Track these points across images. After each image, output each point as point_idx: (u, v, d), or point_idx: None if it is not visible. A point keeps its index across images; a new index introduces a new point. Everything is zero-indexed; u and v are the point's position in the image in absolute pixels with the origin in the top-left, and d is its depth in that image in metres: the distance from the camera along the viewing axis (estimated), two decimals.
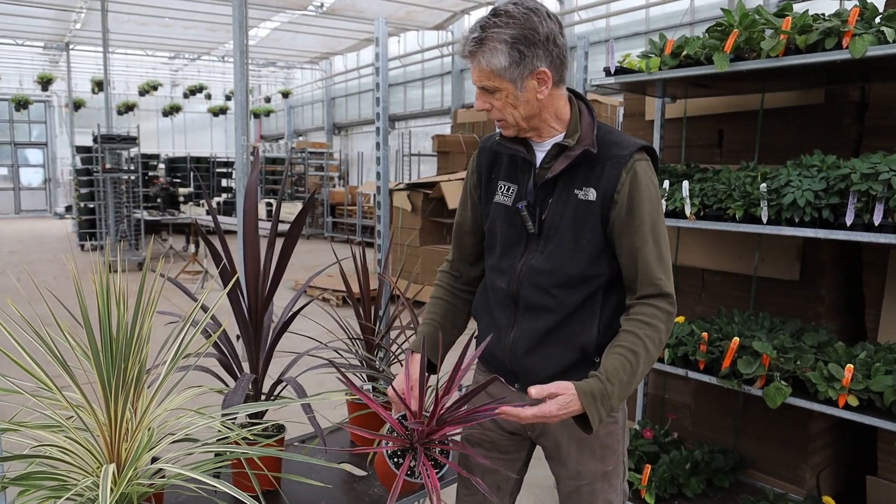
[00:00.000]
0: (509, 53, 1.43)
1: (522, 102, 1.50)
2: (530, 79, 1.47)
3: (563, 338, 1.59)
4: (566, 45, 1.52)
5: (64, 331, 1.44)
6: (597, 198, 1.53)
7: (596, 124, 1.58)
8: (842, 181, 2.21)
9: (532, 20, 1.43)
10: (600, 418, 1.41)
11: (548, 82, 1.48)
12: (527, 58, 1.44)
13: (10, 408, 1.39)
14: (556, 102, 1.55)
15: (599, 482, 1.64)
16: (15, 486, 1.22)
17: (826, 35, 2.23)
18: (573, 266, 1.56)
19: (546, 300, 1.59)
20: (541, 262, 1.59)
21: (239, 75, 2.75)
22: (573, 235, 1.55)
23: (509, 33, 1.43)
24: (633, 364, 1.44)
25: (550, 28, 1.45)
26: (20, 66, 19.57)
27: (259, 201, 2.25)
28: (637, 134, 3.70)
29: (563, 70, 1.52)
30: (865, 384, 2.23)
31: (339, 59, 20.66)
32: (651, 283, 1.50)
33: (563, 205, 1.56)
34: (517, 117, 1.53)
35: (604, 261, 1.56)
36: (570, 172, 1.56)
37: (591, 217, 1.53)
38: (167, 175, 16.47)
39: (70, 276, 9.70)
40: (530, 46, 1.44)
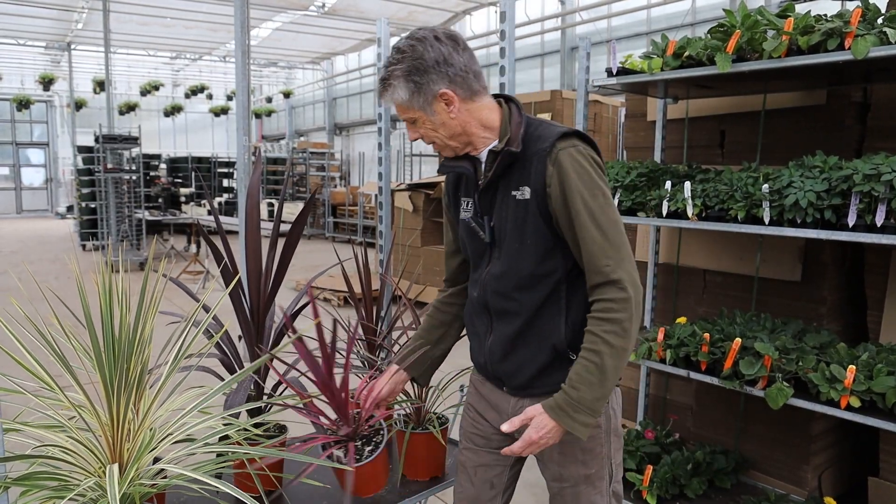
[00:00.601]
0: (406, 86, 1.53)
1: (440, 125, 1.57)
2: (436, 102, 1.54)
3: (533, 339, 1.61)
4: (469, 60, 1.56)
5: (66, 331, 1.44)
6: (531, 195, 1.54)
7: (524, 122, 1.59)
8: (844, 182, 2.20)
9: (417, 50, 1.51)
10: (583, 424, 1.46)
11: (454, 101, 1.54)
12: (423, 85, 1.52)
13: (12, 408, 1.39)
14: (479, 114, 1.59)
15: (583, 485, 1.65)
16: (17, 486, 1.22)
17: (828, 36, 2.22)
18: (523, 266, 1.58)
19: (509, 304, 1.62)
20: (497, 268, 1.63)
21: (240, 75, 2.75)
22: (518, 236, 1.58)
23: (402, 68, 1.52)
24: (598, 363, 1.45)
25: (439, 51, 1.51)
26: (22, 65, 19.59)
27: (261, 201, 2.26)
28: (639, 134, 3.70)
29: (472, 83, 1.56)
30: (867, 385, 2.22)
31: (341, 59, 20.67)
32: (597, 272, 1.48)
33: (505, 208, 1.60)
34: (443, 139, 1.59)
35: (556, 256, 1.56)
36: (507, 175, 1.59)
37: (531, 215, 1.55)
38: (169, 175, 16.49)
39: (71, 276, 9.71)
40: (422, 74, 1.51)
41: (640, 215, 2.83)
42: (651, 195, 2.76)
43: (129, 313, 1.36)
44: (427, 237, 8.03)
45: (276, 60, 20.99)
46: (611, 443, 1.67)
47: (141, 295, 1.39)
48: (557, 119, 6.85)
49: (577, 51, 3.54)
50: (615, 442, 1.68)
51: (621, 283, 1.46)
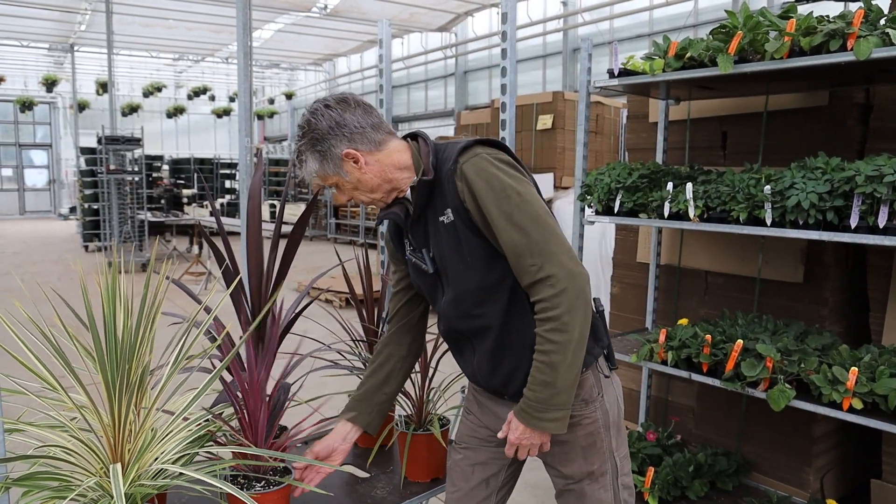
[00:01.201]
0: (313, 157, 1.60)
1: (357, 183, 1.62)
2: (345, 163, 1.59)
3: (510, 346, 1.63)
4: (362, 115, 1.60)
5: (69, 332, 1.44)
6: (454, 216, 1.57)
7: (432, 150, 1.63)
8: (846, 183, 2.20)
9: (311, 123, 1.59)
10: (552, 420, 1.50)
11: (360, 157, 1.59)
12: (326, 151, 1.58)
13: (14, 408, 1.40)
14: (390, 160, 1.62)
15: (587, 481, 1.67)
16: (19, 486, 1.22)
17: (830, 37, 2.22)
18: (471, 283, 1.60)
19: (475, 322, 1.64)
20: (450, 294, 1.66)
21: (243, 77, 2.76)
22: (458, 258, 1.60)
23: (305, 142, 1.60)
24: (546, 361, 1.48)
25: (330, 117, 1.58)
26: (25, 67, 19.63)
27: (262, 203, 2.26)
28: (641, 136, 3.70)
29: (371, 135, 1.60)
30: (870, 387, 2.22)
31: (343, 60, 20.69)
32: (525, 272, 1.50)
33: (438, 236, 1.63)
34: (366, 195, 1.65)
35: (500, 265, 1.57)
36: (430, 204, 1.63)
37: (461, 234, 1.58)
38: (171, 176, 16.53)
39: (74, 277, 9.73)
40: (322, 142, 1.58)
41: (641, 216, 2.83)
42: (653, 196, 2.76)
43: (131, 314, 1.36)
44: None
45: (279, 62, 21.01)
46: (611, 437, 1.68)
47: (143, 296, 1.39)
48: (559, 120, 6.86)
49: (578, 52, 3.54)
50: (616, 436, 1.69)
51: (551, 279, 1.46)
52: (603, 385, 1.67)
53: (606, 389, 1.68)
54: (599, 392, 1.66)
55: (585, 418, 1.64)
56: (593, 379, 1.65)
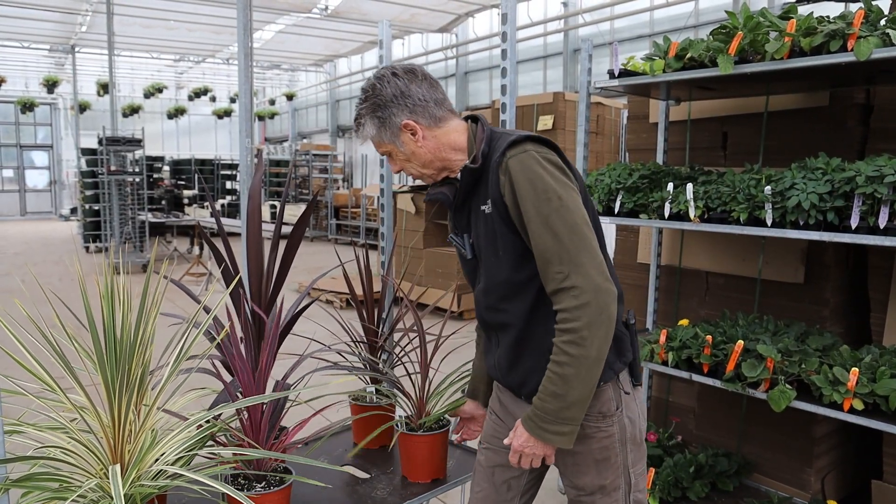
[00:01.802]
0: (373, 122, 1.63)
1: (411, 155, 1.64)
2: (402, 134, 1.62)
3: (531, 346, 1.62)
4: (427, 89, 1.63)
5: (68, 332, 1.44)
6: (492, 207, 1.57)
7: (487, 137, 1.63)
8: (847, 184, 2.20)
9: (376, 88, 1.62)
10: (555, 433, 1.48)
11: (418, 130, 1.61)
12: (386, 119, 1.61)
13: (14, 409, 1.39)
14: (447, 139, 1.64)
15: (598, 494, 1.64)
16: (18, 487, 1.22)
17: (831, 37, 2.22)
18: (500, 276, 1.61)
19: (499, 316, 1.65)
20: (483, 283, 1.67)
21: (243, 78, 2.76)
22: (492, 249, 1.61)
23: (366, 106, 1.63)
24: (559, 373, 1.45)
25: (396, 85, 1.60)
26: (26, 68, 19.65)
27: (263, 203, 2.26)
28: (641, 136, 3.70)
29: (433, 110, 1.62)
30: (871, 388, 2.22)
31: (344, 61, 20.70)
32: (551, 279, 1.47)
33: (478, 224, 1.64)
34: (417, 168, 1.67)
35: (530, 264, 1.56)
36: (475, 192, 1.64)
37: (497, 226, 1.57)
38: (172, 177, 16.52)
39: (74, 277, 9.73)
40: (384, 108, 1.61)
41: (642, 217, 2.83)
42: (653, 197, 2.76)
43: (130, 315, 1.36)
44: (429, 239, 8.03)
45: (279, 63, 21.02)
46: (627, 452, 1.64)
47: (143, 297, 1.39)
48: (560, 121, 6.85)
49: (579, 53, 3.53)
50: (634, 451, 1.65)
51: (575, 290, 1.43)
52: (623, 400, 1.62)
53: (627, 405, 1.63)
54: (618, 407, 1.61)
55: (601, 431, 1.61)
56: (612, 393, 1.61)
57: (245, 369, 1.58)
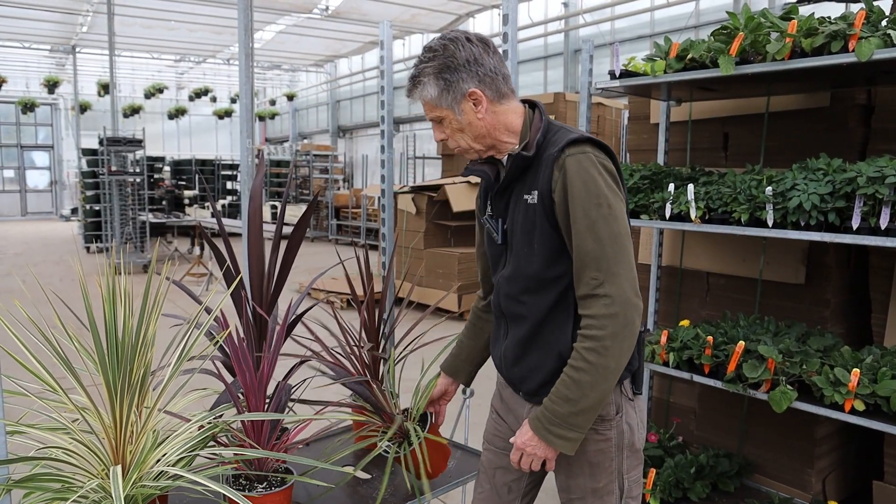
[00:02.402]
0: (436, 83, 1.55)
1: (466, 126, 1.58)
2: (464, 102, 1.56)
3: (541, 344, 1.61)
4: (498, 63, 1.58)
5: (70, 333, 1.44)
6: (538, 199, 1.55)
7: (544, 127, 1.60)
8: (848, 185, 2.20)
9: (449, 49, 1.54)
10: (560, 437, 1.48)
11: (482, 101, 1.56)
12: (453, 83, 1.54)
13: (16, 410, 1.39)
14: (505, 118, 1.60)
15: (590, 498, 1.64)
16: (20, 488, 1.22)
17: (832, 38, 2.22)
18: (530, 269, 1.59)
19: (518, 307, 1.64)
20: (508, 271, 1.65)
21: (244, 78, 2.76)
22: (527, 239, 1.59)
23: (433, 65, 1.55)
24: (575, 378, 1.45)
25: (470, 51, 1.54)
26: (27, 68, 19.66)
27: (264, 204, 2.25)
28: (642, 137, 3.70)
29: (500, 85, 1.58)
30: (872, 388, 2.22)
31: (344, 61, 20.70)
32: (584, 283, 1.47)
33: (516, 211, 1.61)
34: (467, 141, 1.61)
35: (564, 262, 1.55)
36: (521, 179, 1.61)
37: (539, 219, 1.56)
38: (172, 177, 16.52)
39: (75, 278, 9.73)
40: (454, 72, 1.54)
41: (643, 218, 2.82)
42: (654, 197, 2.76)
43: (132, 316, 1.36)
44: (430, 240, 8.03)
45: (280, 63, 21.03)
46: (623, 458, 1.63)
47: (144, 297, 1.39)
48: (561, 121, 6.84)
49: (580, 53, 3.53)
50: (630, 458, 1.65)
51: (606, 298, 1.43)
52: (624, 406, 1.62)
53: (627, 411, 1.63)
54: (618, 412, 1.61)
55: (598, 434, 1.60)
56: (613, 397, 1.60)
57: (247, 370, 1.58)
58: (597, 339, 1.44)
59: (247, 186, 2.87)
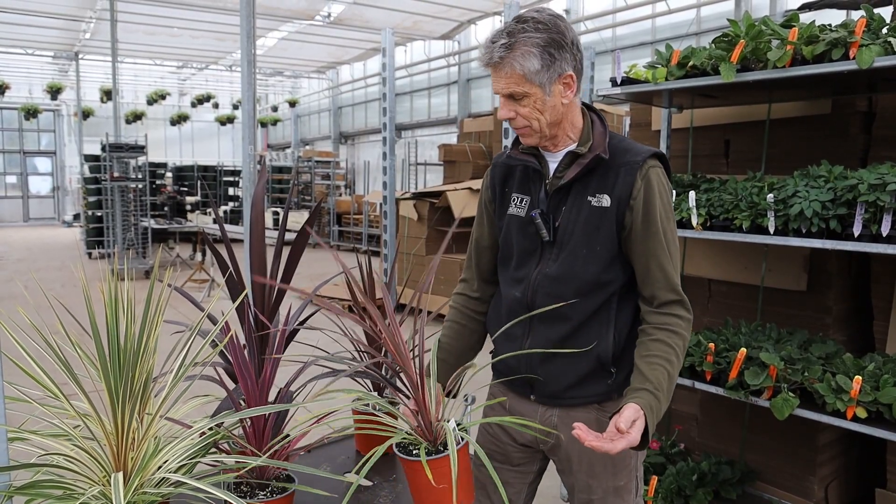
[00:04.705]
0: (541, 56, 1.45)
1: (549, 108, 1.51)
2: (558, 83, 1.49)
3: (579, 346, 1.59)
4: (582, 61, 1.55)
5: (71, 339, 1.44)
6: (611, 204, 1.54)
7: (608, 133, 1.60)
8: (849, 192, 2.20)
9: (559, 25, 1.47)
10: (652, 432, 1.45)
11: (572, 87, 1.52)
12: (556, 61, 1.46)
13: (17, 416, 1.40)
14: (574, 111, 1.58)
15: (611, 497, 1.64)
16: (21, 495, 1.22)
17: (833, 46, 2.23)
18: (586, 272, 1.57)
19: (561, 307, 1.59)
20: (554, 270, 1.60)
21: (246, 84, 2.77)
22: (587, 242, 1.56)
23: (540, 37, 1.45)
24: (671, 374, 1.48)
25: (574, 34, 1.51)
26: (30, 75, 19.73)
27: (265, 210, 2.26)
28: (643, 144, 3.70)
29: (581, 78, 1.55)
30: (874, 396, 2.21)
31: (346, 68, 20.76)
32: (670, 289, 1.52)
33: (576, 212, 1.58)
34: (543, 124, 1.53)
35: (617, 267, 1.57)
36: (584, 180, 1.58)
37: (606, 223, 1.54)
38: (174, 184, 16.54)
39: (77, 284, 9.74)
40: (560, 50, 1.46)
41: None
42: None
43: (134, 322, 1.36)
44: (432, 246, 8.03)
45: (282, 69, 21.09)
46: (637, 455, 1.65)
47: (146, 303, 1.40)
48: None
49: None
50: (641, 455, 1.68)
51: (686, 304, 1.54)
52: None
53: None
54: None
55: None
56: None
57: (248, 377, 1.58)
58: (685, 339, 1.53)
59: (249, 192, 2.88)
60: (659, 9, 11.19)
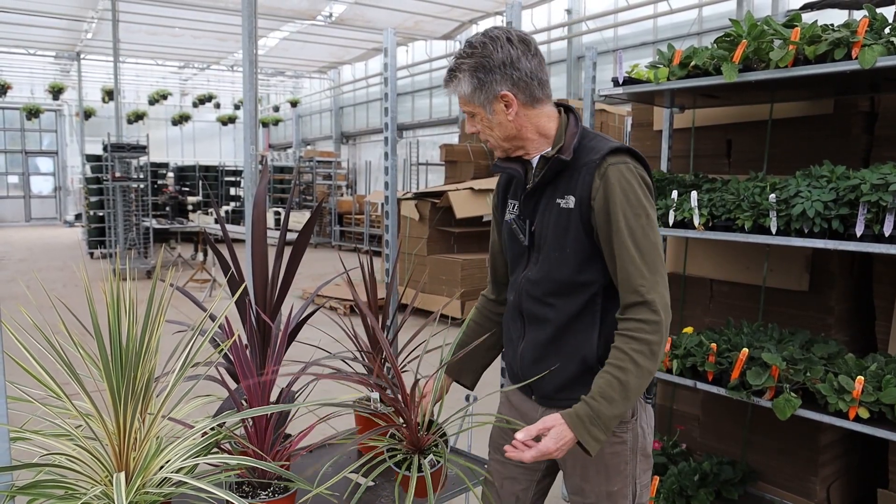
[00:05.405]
0: (470, 81, 1.55)
1: (496, 125, 1.59)
2: (496, 102, 1.56)
3: (564, 348, 1.61)
4: (537, 66, 1.57)
5: (73, 339, 1.44)
6: (575, 204, 1.56)
7: (580, 133, 1.61)
8: (851, 192, 2.20)
9: (488, 48, 1.53)
10: (595, 439, 1.45)
11: (513, 104, 1.56)
12: (486, 83, 1.54)
13: (19, 416, 1.40)
14: (536, 121, 1.61)
15: (604, 501, 1.64)
16: (24, 494, 1.22)
17: (835, 45, 2.22)
18: (560, 274, 1.59)
19: (543, 310, 1.63)
20: (534, 273, 1.64)
21: (248, 84, 2.77)
22: (558, 244, 1.59)
23: (470, 63, 1.55)
24: (622, 380, 1.45)
25: (508, 53, 1.53)
26: (32, 75, 19.76)
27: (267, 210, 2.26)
28: (645, 144, 3.70)
29: (535, 90, 1.57)
30: (876, 396, 2.21)
31: (348, 68, 20.76)
32: (632, 291, 1.48)
33: (549, 215, 1.61)
34: (496, 139, 1.62)
35: (594, 267, 1.56)
36: (554, 183, 1.61)
37: (573, 224, 1.56)
38: (176, 184, 16.56)
39: (79, 283, 9.75)
40: (488, 72, 1.53)
41: None
42: (658, 205, 2.76)
43: (136, 322, 1.36)
44: (433, 246, 8.03)
45: (284, 70, 21.10)
46: (637, 462, 1.65)
47: (148, 303, 1.40)
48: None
49: (583, 60, 3.53)
50: (642, 462, 1.66)
51: (653, 304, 1.46)
52: (639, 409, 1.64)
53: (641, 415, 1.65)
54: (634, 415, 1.63)
55: (615, 437, 1.61)
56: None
57: (250, 376, 1.59)
58: (648, 343, 1.45)
59: (250, 192, 2.88)
60: (661, 9, 11.18)
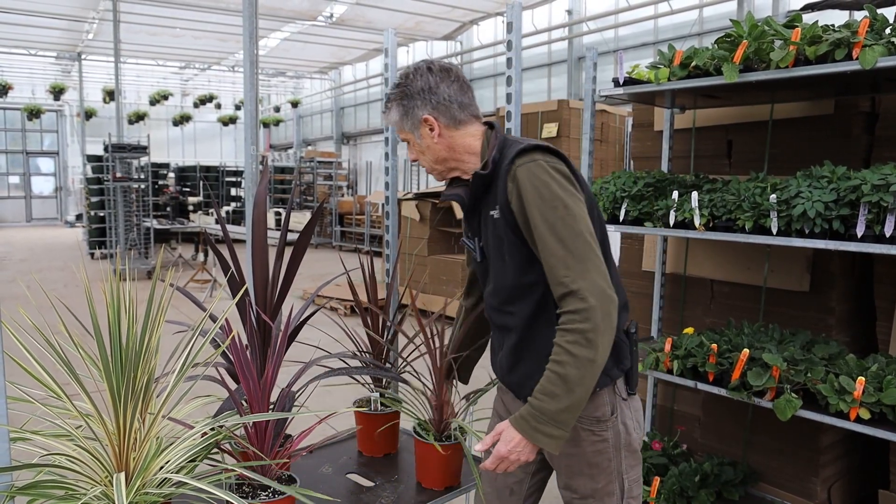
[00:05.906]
0: (398, 109, 1.70)
1: (426, 149, 1.70)
2: (422, 127, 1.68)
3: (529, 351, 1.65)
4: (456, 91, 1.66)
5: (74, 339, 1.44)
6: (499, 213, 1.61)
7: (499, 144, 1.66)
8: (852, 192, 2.19)
9: (409, 78, 1.68)
10: (547, 435, 1.46)
11: (436, 126, 1.66)
12: (410, 109, 1.67)
13: (19, 416, 1.40)
14: (463, 141, 1.68)
15: (591, 499, 1.66)
16: (23, 495, 1.22)
17: (836, 46, 2.22)
18: (505, 280, 1.65)
19: (504, 318, 1.70)
20: (490, 286, 1.72)
21: (248, 85, 2.77)
22: (499, 253, 1.65)
23: (396, 92, 1.70)
24: (561, 373, 1.45)
25: (427, 80, 1.65)
26: (33, 75, 19.76)
27: (268, 210, 2.26)
28: (646, 144, 3.70)
29: (455, 112, 1.66)
30: (877, 397, 2.21)
31: (349, 68, 20.76)
32: (558, 283, 1.49)
33: (486, 228, 1.68)
34: (429, 161, 1.72)
35: (536, 269, 1.58)
36: (485, 197, 1.68)
37: (504, 232, 1.61)
38: (177, 184, 16.57)
39: (80, 284, 9.75)
40: (409, 99, 1.67)
41: (647, 225, 2.82)
42: (658, 205, 2.76)
43: (136, 322, 1.36)
44: (434, 246, 8.03)
45: (285, 70, 21.10)
46: (622, 458, 1.65)
47: (148, 303, 1.40)
48: (565, 128, 6.86)
49: (584, 60, 3.54)
50: (628, 458, 1.67)
51: (580, 293, 1.44)
52: (619, 406, 1.64)
53: (622, 411, 1.65)
54: (613, 412, 1.63)
55: (595, 436, 1.63)
56: (608, 398, 1.63)
57: (250, 377, 1.59)
58: (580, 332, 1.44)
59: (251, 193, 2.88)
60: (661, 9, 11.18)
